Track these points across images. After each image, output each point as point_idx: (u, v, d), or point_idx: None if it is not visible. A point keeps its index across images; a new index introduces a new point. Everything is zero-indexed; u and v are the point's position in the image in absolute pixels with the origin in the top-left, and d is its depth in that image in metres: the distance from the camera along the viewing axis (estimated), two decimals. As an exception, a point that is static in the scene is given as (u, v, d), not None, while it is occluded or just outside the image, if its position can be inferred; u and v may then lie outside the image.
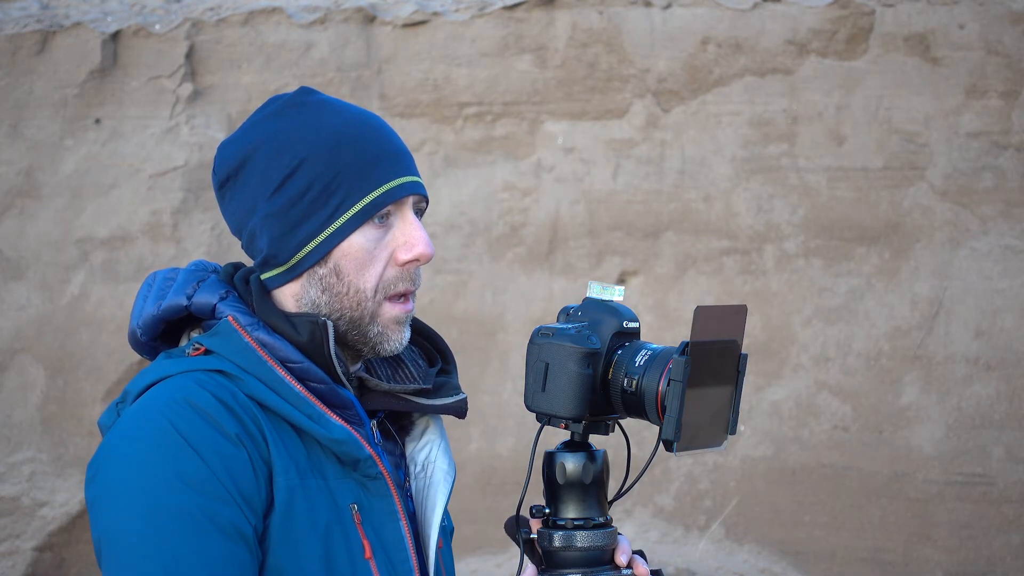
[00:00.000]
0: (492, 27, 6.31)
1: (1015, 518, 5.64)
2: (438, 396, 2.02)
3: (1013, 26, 5.76)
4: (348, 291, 1.92)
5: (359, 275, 1.92)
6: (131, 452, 1.81)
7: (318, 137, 1.93)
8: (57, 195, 6.60)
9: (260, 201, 1.94)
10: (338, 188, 1.91)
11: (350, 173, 1.92)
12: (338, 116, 1.96)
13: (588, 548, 1.93)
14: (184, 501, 1.77)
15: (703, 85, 6.09)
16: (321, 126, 1.94)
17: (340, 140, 1.93)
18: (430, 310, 6.25)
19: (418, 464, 2.02)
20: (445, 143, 6.35)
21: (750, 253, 6.02)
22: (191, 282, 1.95)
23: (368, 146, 1.94)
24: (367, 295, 1.93)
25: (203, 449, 1.80)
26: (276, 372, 1.87)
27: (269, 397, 1.87)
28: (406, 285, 1.95)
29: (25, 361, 6.59)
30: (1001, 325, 5.73)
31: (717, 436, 1.91)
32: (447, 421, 6.16)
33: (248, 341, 1.88)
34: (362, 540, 1.88)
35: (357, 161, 1.93)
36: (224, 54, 6.55)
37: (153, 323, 1.94)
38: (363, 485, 1.91)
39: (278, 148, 1.93)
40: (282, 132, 1.94)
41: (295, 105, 1.97)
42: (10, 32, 6.65)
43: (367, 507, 1.90)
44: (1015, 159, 5.76)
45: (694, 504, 5.97)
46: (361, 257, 1.92)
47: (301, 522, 1.84)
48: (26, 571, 6.40)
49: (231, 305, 1.92)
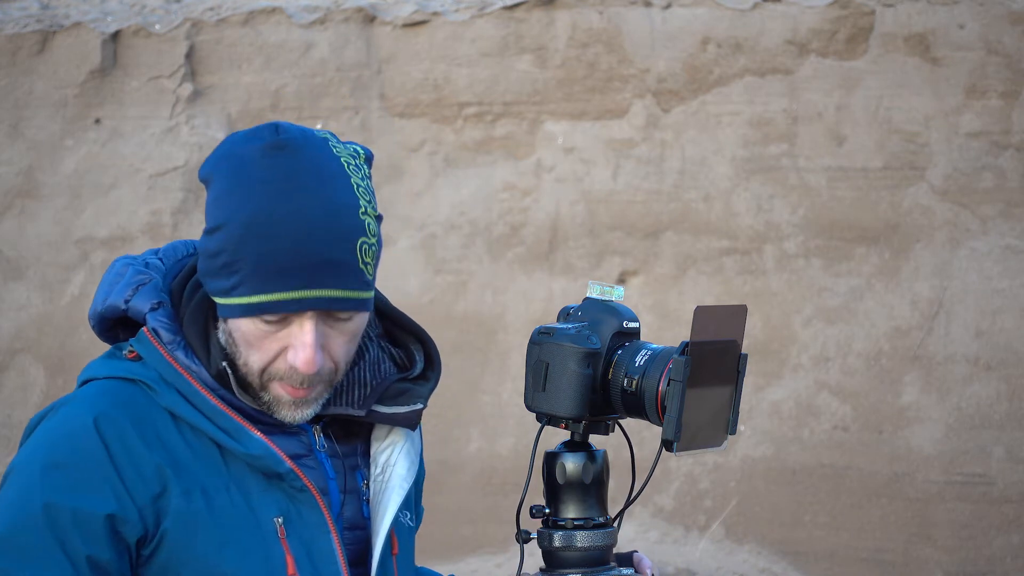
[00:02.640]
0: (492, 27, 6.31)
1: (1015, 518, 5.64)
2: (394, 404, 1.95)
3: (1013, 26, 5.76)
4: (239, 356, 1.87)
5: (248, 352, 1.86)
6: (25, 455, 1.85)
7: (239, 211, 1.83)
8: (57, 195, 6.60)
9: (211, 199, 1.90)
10: (236, 272, 1.83)
11: (248, 265, 1.82)
12: (272, 187, 1.83)
13: (588, 548, 1.93)
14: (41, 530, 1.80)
15: (703, 85, 6.09)
16: (248, 198, 1.83)
17: (254, 223, 1.82)
18: (430, 310, 6.25)
19: (379, 466, 1.97)
20: (445, 143, 6.35)
21: (750, 253, 6.02)
22: (132, 285, 1.92)
23: (277, 244, 1.82)
24: (253, 371, 1.87)
25: (89, 476, 1.81)
26: (192, 386, 1.85)
27: (186, 411, 1.85)
28: (292, 384, 1.86)
29: (25, 361, 6.59)
30: (1001, 325, 5.73)
31: (717, 436, 1.91)
32: (444, 417, 6.16)
33: (165, 358, 1.86)
34: (285, 555, 1.85)
35: (259, 257, 1.82)
36: (224, 54, 6.55)
37: (98, 319, 1.93)
38: (291, 496, 1.87)
39: (218, 192, 1.86)
40: (229, 177, 1.86)
41: (253, 149, 1.86)
42: (10, 32, 6.65)
43: (295, 519, 1.87)
44: (1015, 159, 5.76)
45: (694, 504, 5.97)
46: (250, 339, 1.85)
47: (205, 540, 1.82)
48: (26, 571, 6.40)
49: (158, 319, 1.88)
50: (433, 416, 5.93)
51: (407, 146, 6.37)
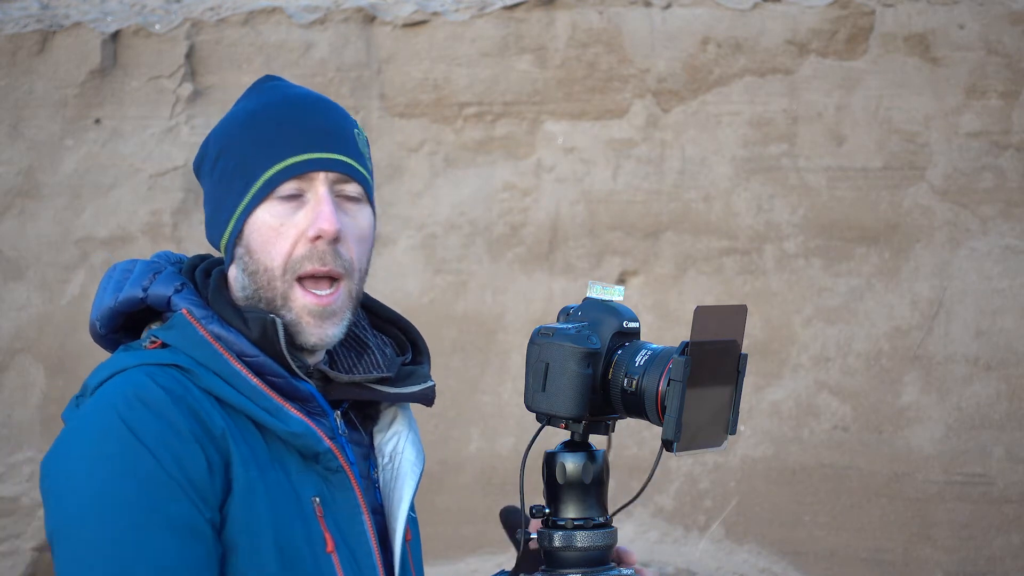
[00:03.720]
0: (492, 27, 6.31)
1: (1015, 518, 5.64)
2: (405, 384, 2.00)
3: (1013, 26, 5.76)
4: (259, 269, 1.91)
5: (266, 252, 1.90)
6: (81, 448, 1.80)
7: (243, 117, 1.94)
8: (57, 195, 6.60)
9: (206, 186, 1.97)
10: (246, 164, 1.91)
11: (255, 150, 1.91)
12: (267, 96, 1.96)
13: (588, 548, 1.94)
14: (131, 497, 1.76)
15: (703, 85, 6.09)
16: (247, 107, 1.95)
17: (255, 118, 1.93)
18: (430, 310, 6.25)
19: (385, 455, 2.01)
20: (445, 143, 6.35)
21: (750, 253, 6.02)
22: (148, 274, 1.94)
23: (278, 123, 1.92)
24: (275, 273, 1.90)
25: (152, 444, 1.78)
26: (232, 365, 1.86)
27: (225, 391, 1.85)
28: (314, 264, 1.90)
29: (25, 361, 6.59)
30: (1001, 325, 5.73)
31: (717, 436, 1.91)
32: (444, 417, 6.16)
33: (203, 334, 1.87)
34: (324, 534, 1.87)
35: (265, 138, 1.91)
36: (224, 54, 6.56)
37: (111, 315, 1.93)
38: (325, 478, 1.89)
39: (217, 135, 1.96)
40: (225, 120, 1.97)
41: (248, 91, 1.99)
42: (10, 32, 6.65)
43: (329, 500, 1.89)
44: (1015, 159, 5.76)
45: (694, 504, 5.97)
46: (266, 233, 1.90)
47: (260, 515, 1.83)
48: (26, 571, 6.40)
49: (186, 298, 1.91)
50: (433, 416, 5.93)
51: (407, 146, 6.37)
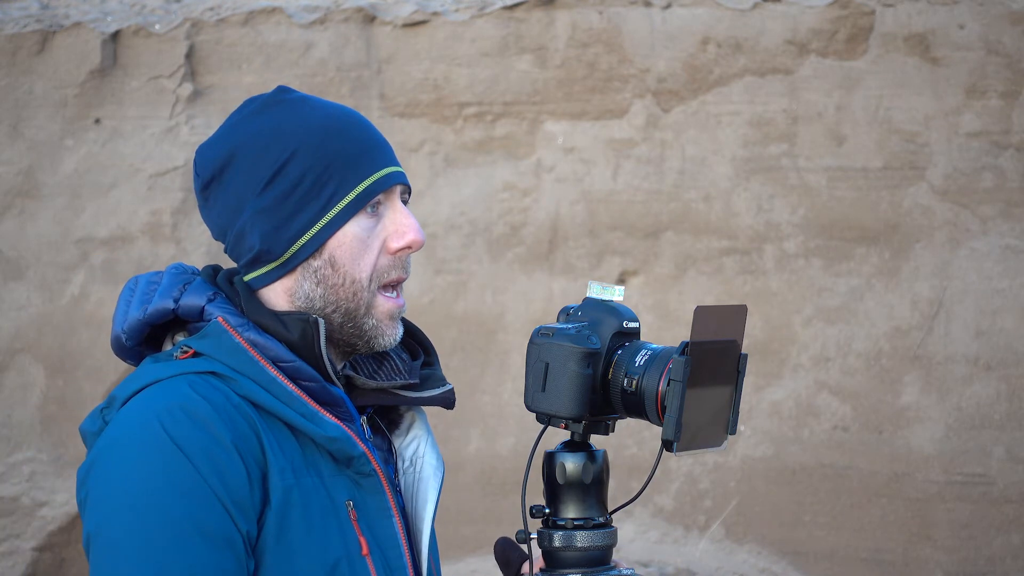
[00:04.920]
0: (492, 27, 6.31)
1: (1015, 518, 5.64)
2: (424, 389, 2.03)
3: (1013, 26, 5.76)
4: (344, 282, 1.93)
5: (354, 264, 1.93)
6: (123, 456, 1.81)
7: (306, 130, 1.94)
8: (57, 195, 6.60)
9: (249, 198, 1.94)
10: (330, 179, 1.93)
11: (341, 164, 1.93)
12: (321, 110, 1.97)
13: (588, 548, 1.94)
14: (173, 507, 1.77)
15: (703, 85, 6.09)
16: (306, 120, 1.95)
17: (327, 132, 1.94)
18: (430, 310, 6.25)
19: (406, 460, 2.03)
20: (445, 143, 6.35)
21: (750, 253, 6.02)
22: (177, 285, 1.95)
23: (354, 137, 1.96)
24: (363, 284, 1.94)
25: (195, 455, 1.80)
26: (268, 372, 1.87)
27: (263, 397, 1.87)
28: (399, 273, 1.96)
29: (25, 361, 6.59)
30: (1001, 325, 5.73)
31: (717, 436, 1.91)
32: (443, 417, 6.16)
33: (239, 341, 1.88)
34: (359, 537, 1.89)
35: (346, 152, 1.94)
36: (224, 54, 6.56)
37: (139, 327, 1.93)
38: (356, 483, 1.91)
39: (265, 144, 1.94)
40: (267, 128, 1.95)
41: (276, 103, 1.98)
42: (10, 32, 6.65)
43: (361, 504, 1.91)
44: (1015, 159, 5.76)
45: (694, 504, 5.97)
46: (356, 246, 1.93)
47: (297, 522, 1.85)
48: (26, 571, 6.40)
49: (220, 306, 1.92)
50: (433, 416, 5.92)
51: (407, 146, 6.37)
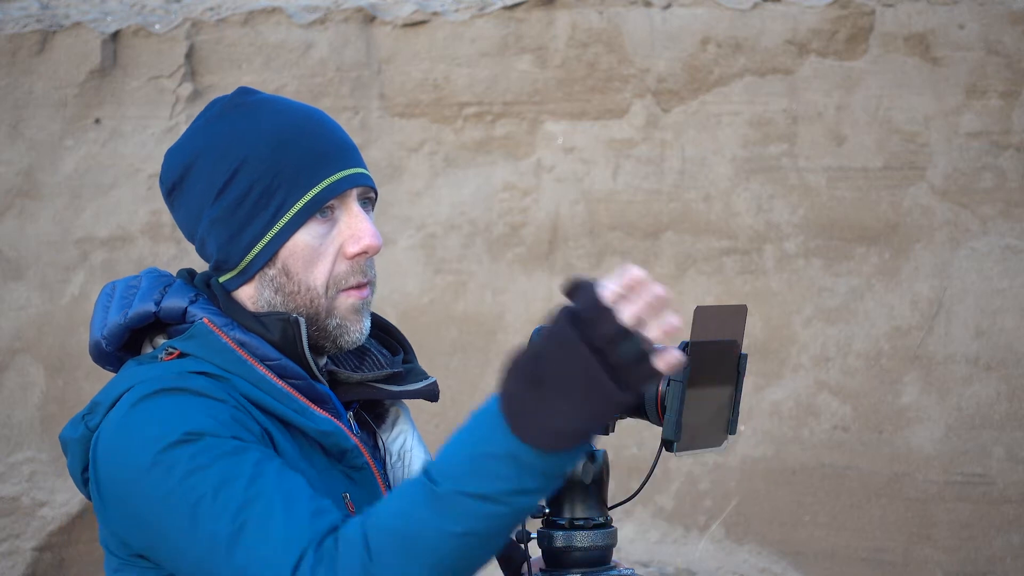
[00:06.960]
0: (492, 27, 6.30)
1: (1015, 518, 5.64)
2: (407, 382, 2.03)
3: (1013, 26, 5.76)
4: (299, 289, 1.92)
5: (308, 272, 1.91)
6: (141, 432, 1.79)
7: (257, 138, 1.91)
8: (57, 195, 6.60)
9: (205, 207, 1.93)
10: (279, 187, 1.90)
11: (291, 171, 1.90)
12: (277, 115, 1.94)
13: (588, 548, 1.93)
14: (207, 423, 1.77)
15: (703, 85, 6.09)
16: (260, 126, 1.92)
17: (279, 139, 1.91)
18: (430, 310, 6.25)
19: (394, 454, 2.04)
20: (445, 143, 6.35)
21: (750, 253, 6.02)
22: (157, 288, 1.94)
23: (308, 143, 1.92)
24: (319, 292, 1.92)
25: (208, 392, 1.81)
26: (257, 370, 1.87)
27: (256, 394, 1.87)
28: (358, 278, 1.94)
29: (25, 361, 6.59)
30: (1001, 325, 5.73)
31: (717, 436, 1.91)
32: (443, 417, 6.15)
33: (226, 341, 1.88)
34: None
35: (296, 159, 1.90)
36: (224, 54, 6.55)
37: (120, 332, 1.92)
38: (348, 476, 1.92)
39: (219, 152, 1.92)
40: (222, 135, 1.93)
41: (234, 106, 1.95)
42: (10, 32, 6.65)
43: (355, 498, 1.91)
44: (1015, 159, 5.76)
45: (694, 504, 5.97)
46: (308, 255, 1.91)
47: None
48: (26, 571, 6.40)
49: (203, 307, 1.92)
50: (434, 416, 5.93)
51: (407, 146, 6.37)
